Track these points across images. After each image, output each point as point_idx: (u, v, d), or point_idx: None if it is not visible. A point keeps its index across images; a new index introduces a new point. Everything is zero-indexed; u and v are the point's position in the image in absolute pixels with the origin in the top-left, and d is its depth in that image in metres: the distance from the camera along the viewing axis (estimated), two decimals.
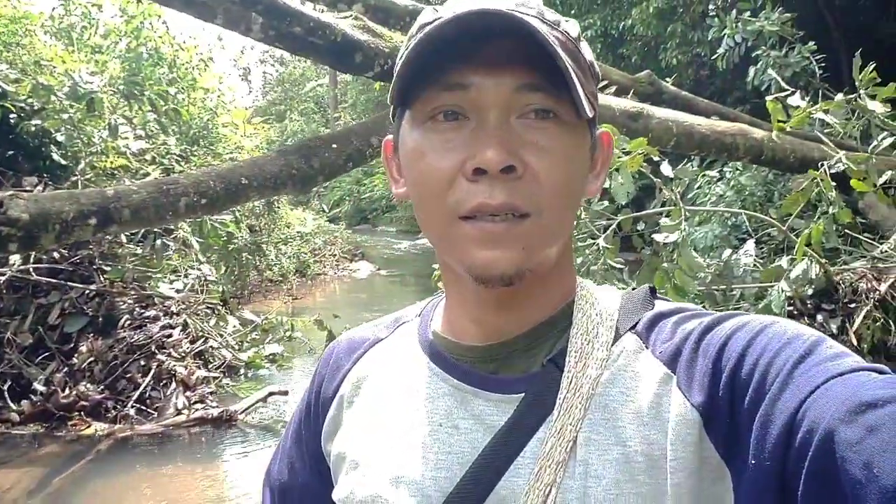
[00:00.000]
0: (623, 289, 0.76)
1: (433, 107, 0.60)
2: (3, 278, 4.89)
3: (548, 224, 0.61)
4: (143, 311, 5.51)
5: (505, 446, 0.61)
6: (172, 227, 6.07)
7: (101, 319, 5.25)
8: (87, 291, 5.29)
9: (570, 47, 0.61)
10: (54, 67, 6.39)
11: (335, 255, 14.24)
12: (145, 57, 9.55)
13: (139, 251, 5.78)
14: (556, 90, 0.58)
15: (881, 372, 0.50)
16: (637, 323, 0.66)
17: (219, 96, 10.40)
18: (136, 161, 7.13)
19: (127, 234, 5.86)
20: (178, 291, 6.03)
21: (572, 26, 0.64)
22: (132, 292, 5.51)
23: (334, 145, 3.71)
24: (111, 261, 5.64)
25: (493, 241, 0.59)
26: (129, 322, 5.33)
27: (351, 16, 3.85)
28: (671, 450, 0.56)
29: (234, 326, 6.68)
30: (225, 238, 8.71)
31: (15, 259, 4.77)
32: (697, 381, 0.57)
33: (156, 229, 6.37)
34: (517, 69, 0.58)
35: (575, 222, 0.72)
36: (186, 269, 6.78)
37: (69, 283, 5.22)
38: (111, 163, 6.28)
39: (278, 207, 10.26)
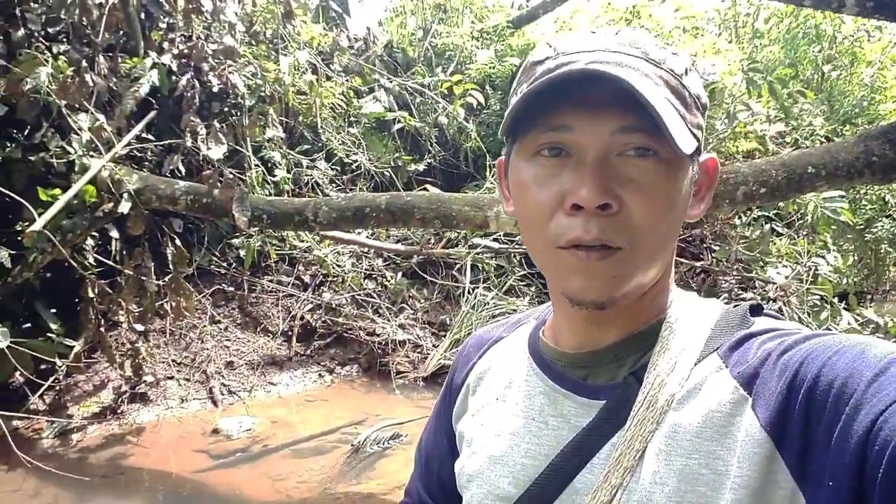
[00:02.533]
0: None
1: (539, 143, 0.66)
2: None
3: (640, 256, 0.65)
4: (741, 292, 5.69)
5: (583, 446, 0.69)
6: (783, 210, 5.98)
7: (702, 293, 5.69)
8: (694, 267, 5.80)
9: (674, 84, 0.64)
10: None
11: None
12: (801, 36, 9.37)
13: (748, 234, 5.95)
14: (654, 130, 0.61)
15: None
16: (724, 343, 0.67)
17: (881, 69, 9.31)
18: (775, 144, 7.23)
19: (740, 216, 6.12)
20: (786, 277, 5.97)
21: (679, 61, 0.66)
22: (734, 273, 5.75)
23: None
24: (721, 241, 6.01)
25: (586, 271, 0.64)
26: (726, 301, 5.61)
27: None
28: (737, 466, 0.58)
29: (849, 323, 6.16)
30: (862, 226, 7.95)
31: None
32: (771, 402, 0.58)
33: (766, 213, 6.42)
34: (617, 112, 0.62)
35: (675, 246, 0.73)
36: (810, 257, 6.58)
37: None
38: (736, 148, 6.58)
39: None
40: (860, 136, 3.42)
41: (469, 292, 5.60)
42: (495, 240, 5.64)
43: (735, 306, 0.72)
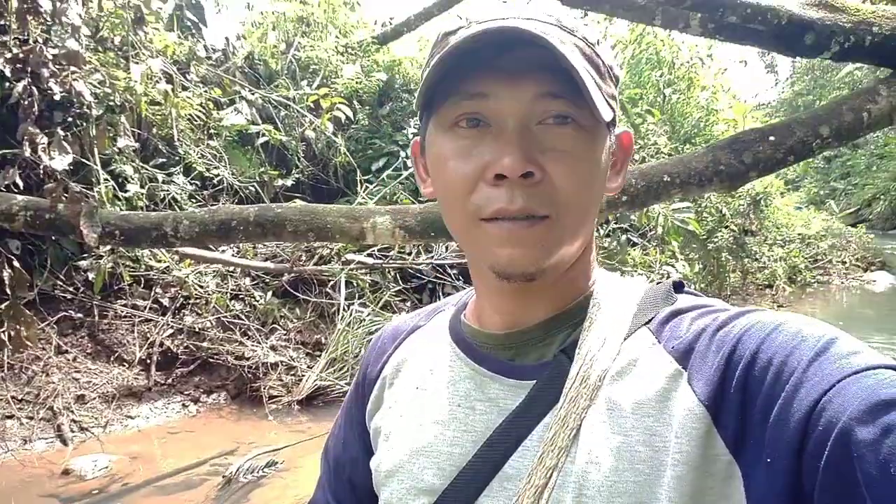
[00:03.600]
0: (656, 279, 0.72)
1: (456, 114, 0.64)
2: None
3: (566, 225, 0.64)
4: None
5: (514, 429, 0.66)
6: (638, 223, 6.38)
7: None
8: None
9: (588, 52, 0.63)
10: None
11: (844, 262, 12.51)
12: (644, 61, 10.15)
13: (606, 244, 6.29)
14: (574, 97, 0.60)
15: None
16: (653, 318, 0.66)
17: (713, 93, 10.28)
18: None
19: (598, 229, 6.46)
20: None
21: (591, 31, 0.65)
22: None
23: (771, 137, 3.43)
24: None
25: (514, 241, 0.62)
26: None
27: None
28: (675, 442, 0.57)
29: None
30: (705, 236, 8.69)
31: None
32: (708, 377, 0.57)
33: (622, 225, 6.82)
34: (536, 78, 0.61)
35: (596, 219, 0.72)
36: (661, 265, 7.05)
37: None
38: None
39: (765, 206, 9.59)
40: (709, 147, 3.70)
41: (344, 309, 5.46)
42: (370, 255, 5.56)
43: (658, 283, 0.72)
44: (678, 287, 0.71)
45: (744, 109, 11.05)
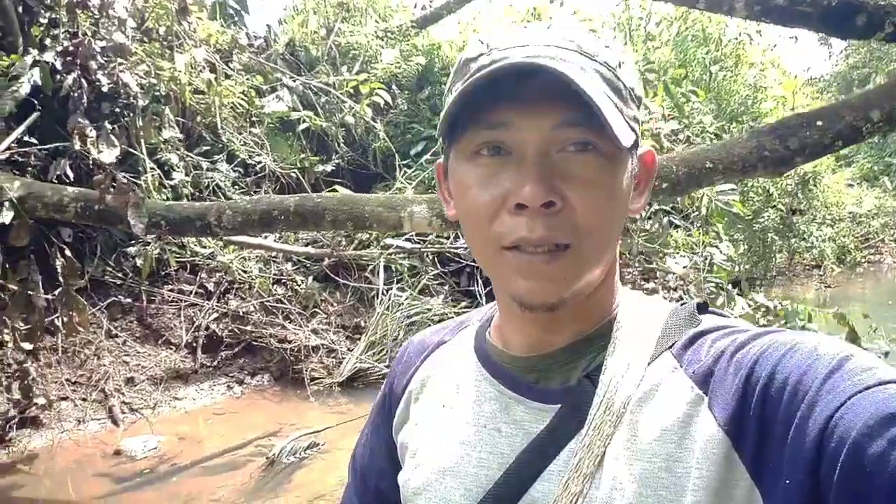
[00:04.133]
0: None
1: (477, 143, 0.64)
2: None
3: (588, 253, 0.64)
4: (644, 283, 5.92)
5: (539, 454, 0.66)
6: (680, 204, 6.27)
7: None
8: None
9: (609, 76, 0.63)
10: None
11: None
12: (689, 39, 9.88)
13: (648, 227, 6.19)
14: (594, 124, 0.59)
15: None
16: (676, 342, 0.66)
17: (762, 70, 9.96)
18: (669, 141, 7.57)
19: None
20: (684, 267, 6.26)
21: (612, 54, 0.64)
22: (636, 264, 5.98)
23: (819, 122, 3.32)
24: (623, 234, 6.24)
25: (535, 272, 0.63)
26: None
27: None
28: (696, 468, 0.57)
29: (743, 308, 6.55)
30: (750, 216, 8.49)
31: None
32: (728, 402, 0.58)
33: (664, 207, 6.71)
34: (556, 106, 0.61)
35: (619, 241, 0.72)
36: (705, 247, 6.93)
37: None
38: None
39: (814, 185, 9.31)
40: (752, 133, 3.61)
41: (383, 293, 5.53)
42: (408, 239, 5.60)
43: (682, 304, 0.72)
44: (702, 307, 0.70)
45: (793, 85, 10.71)
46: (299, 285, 5.66)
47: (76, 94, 4.06)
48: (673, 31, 10.64)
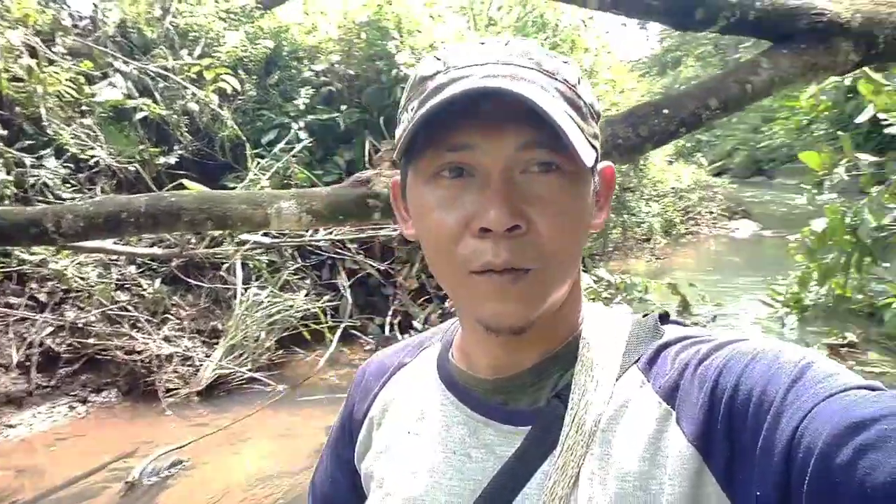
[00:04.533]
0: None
1: (439, 165, 0.63)
2: (397, 233, 5.95)
3: (553, 274, 0.64)
4: None
5: (512, 478, 0.65)
6: None
7: None
8: None
9: (569, 95, 0.63)
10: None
11: (712, 212, 13.47)
12: (529, 24, 10.26)
13: None
14: (556, 144, 0.59)
15: (872, 388, 0.51)
16: (641, 356, 0.67)
17: (596, 55, 10.59)
18: None
19: None
20: None
21: (571, 71, 0.65)
22: None
23: (665, 111, 3.57)
24: None
25: (501, 296, 0.62)
26: None
27: None
28: (668, 484, 0.57)
29: (587, 285, 6.99)
30: None
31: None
32: (695, 416, 0.58)
33: None
34: (518, 128, 0.60)
35: (581, 257, 0.73)
36: None
37: None
38: None
39: (644, 164, 10.11)
40: (607, 122, 3.82)
41: (241, 293, 5.27)
42: (265, 234, 5.37)
43: (644, 316, 0.73)
44: (664, 318, 0.72)
45: (623, 70, 11.49)
46: (145, 290, 5.23)
47: None
48: (513, 16, 10.98)
